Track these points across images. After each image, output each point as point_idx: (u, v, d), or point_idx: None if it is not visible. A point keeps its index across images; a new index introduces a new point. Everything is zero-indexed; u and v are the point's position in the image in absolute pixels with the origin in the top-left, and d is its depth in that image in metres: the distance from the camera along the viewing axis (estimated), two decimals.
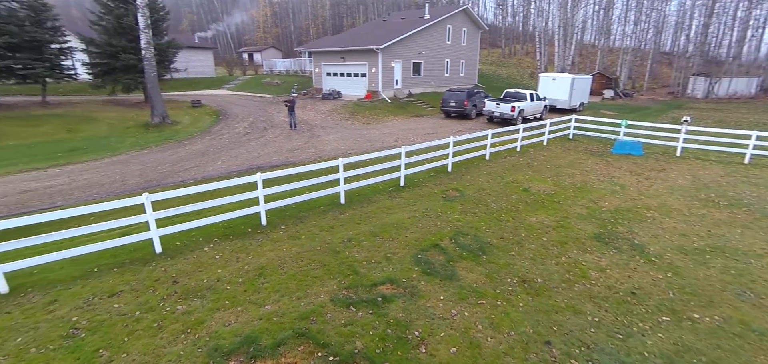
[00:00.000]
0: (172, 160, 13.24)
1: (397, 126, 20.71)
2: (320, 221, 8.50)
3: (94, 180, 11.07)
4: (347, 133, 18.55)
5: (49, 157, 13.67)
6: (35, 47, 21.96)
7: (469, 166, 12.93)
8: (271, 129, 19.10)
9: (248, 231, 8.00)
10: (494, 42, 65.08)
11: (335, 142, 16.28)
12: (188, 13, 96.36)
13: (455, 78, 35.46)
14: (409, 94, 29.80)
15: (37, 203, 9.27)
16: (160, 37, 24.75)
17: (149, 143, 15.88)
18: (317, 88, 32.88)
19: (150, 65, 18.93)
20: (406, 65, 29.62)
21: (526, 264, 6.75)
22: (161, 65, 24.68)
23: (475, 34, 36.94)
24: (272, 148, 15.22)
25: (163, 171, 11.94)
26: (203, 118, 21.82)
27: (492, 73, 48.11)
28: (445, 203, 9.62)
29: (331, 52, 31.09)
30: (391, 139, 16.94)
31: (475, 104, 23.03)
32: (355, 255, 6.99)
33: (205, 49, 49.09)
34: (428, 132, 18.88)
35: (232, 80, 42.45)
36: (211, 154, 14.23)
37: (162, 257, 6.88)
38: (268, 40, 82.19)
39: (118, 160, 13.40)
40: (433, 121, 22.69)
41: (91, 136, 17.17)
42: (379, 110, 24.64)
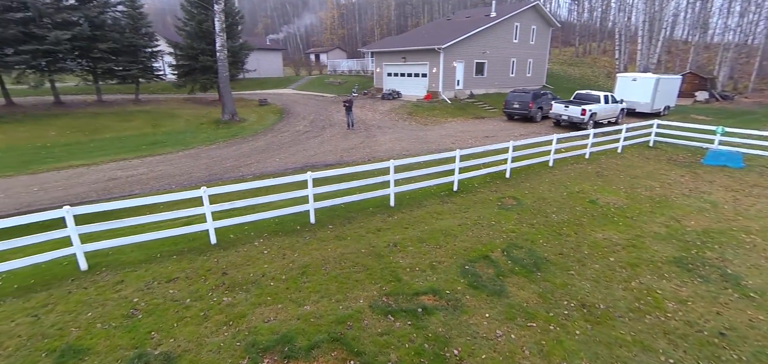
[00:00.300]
0: (235, 156, 14.10)
1: (455, 128, 20.13)
2: (368, 223, 8.43)
3: (168, 171, 12.12)
4: (403, 134, 18.41)
5: (135, 149, 15.29)
6: (132, 51, 24.84)
7: (529, 172, 12.10)
8: (330, 128, 19.58)
9: (297, 228, 8.17)
10: (567, 40, 60.94)
11: (390, 143, 16.22)
12: (263, 17, 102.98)
13: (521, 78, 33.71)
14: (471, 95, 28.89)
15: (119, 190, 10.36)
16: (234, 40, 26.65)
17: (218, 139, 17.10)
18: (377, 88, 33.19)
19: (223, 66, 20.41)
20: (468, 65, 28.75)
21: (587, 286, 6.05)
22: (234, 66, 26.57)
23: (545, 32, 34.78)
24: (328, 147, 15.56)
25: (227, 166, 12.74)
26: (268, 116, 23.04)
27: (563, 74, 45.02)
28: (499, 212, 9.04)
29: (392, 53, 31.18)
30: (448, 142, 16.47)
31: (541, 106, 21.61)
32: (399, 261, 6.80)
33: (275, 51, 52.05)
34: (488, 135, 18.08)
35: (298, 80, 44.49)
36: (271, 151, 14.92)
37: (216, 248, 7.26)
38: (334, 41, 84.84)
39: (189, 153, 14.58)
40: (494, 123, 21.72)
41: (171, 130, 18.94)
42: (438, 111, 24.16)
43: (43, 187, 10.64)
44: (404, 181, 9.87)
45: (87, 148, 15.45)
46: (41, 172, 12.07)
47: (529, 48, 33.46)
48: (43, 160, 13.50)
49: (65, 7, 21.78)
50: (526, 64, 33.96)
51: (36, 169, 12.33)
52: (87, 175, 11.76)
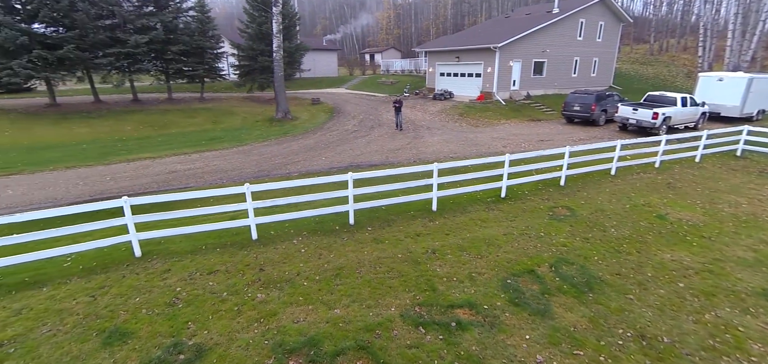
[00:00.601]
0: (284, 153, 14.56)
1: (508, 130, 19.22)
2: (407, 227, 8.21)
3: (221, 166, 12.80)
4: (452, 135, 17.91)
5: (195, 144, 16.37)
6: (199, 53, 26.73)
7: (587, 181, 11.13)
8: (378, 128, 19.60)
9: (335, 229, 8.16)
10: (640, 36, 56.02)
11: (438, 145, 15.83)
12: (322, 18, 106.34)
13: (585, 79, 31.46)
14: (527, 96, 27.47)
15: (177, 183, 11.11)
16: (291, 41, 27.70)
17: (270, 136, 17.81)
18: (430, 88, 32.76)
19: (278, 66, 21.25)
20: (526, 64, 27.36)
21: (648, 314, 5.35)
22: (290, 66, 27.63)
23: (614, 28, 32.14)
24: (375, 147, 15.55)
25: (275, 162, 13.18)
26: (319, 114, 23.62)
27: (634, 73, 41.36)
28: (550, 222, 8.38)
29: (445, 52, 30.59)
30: (499, 145, 15.73)
31: (605, 109, 19.92)
32: (436, 269, 6.51)
33: (330, 51, 53.49)
34: (543, 139, 17.01)
35: (352, 80, 45.29)
36: (319, 149, 15.21)
37: (256, 244, 7.45)
38: (389, 41, 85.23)
39: (243, 149, 15.31)
40: (551, 126, 20.43)
41: (229, 127, 20.08)
42: (491, 112, 23.25)
43: (114, 177, 11.72)
44: (448, 185, 9.53)
45: (155, 142, 16.84)
46: (114, 163, 13.33)
47: (595, 46, 31.11)
48: (118, 152, 14.91)
49: (145, 13, 24.02)
50: (591, 63, 31.62)
51: (111, 160, 13.64)
52: (152, 167, 12.79)
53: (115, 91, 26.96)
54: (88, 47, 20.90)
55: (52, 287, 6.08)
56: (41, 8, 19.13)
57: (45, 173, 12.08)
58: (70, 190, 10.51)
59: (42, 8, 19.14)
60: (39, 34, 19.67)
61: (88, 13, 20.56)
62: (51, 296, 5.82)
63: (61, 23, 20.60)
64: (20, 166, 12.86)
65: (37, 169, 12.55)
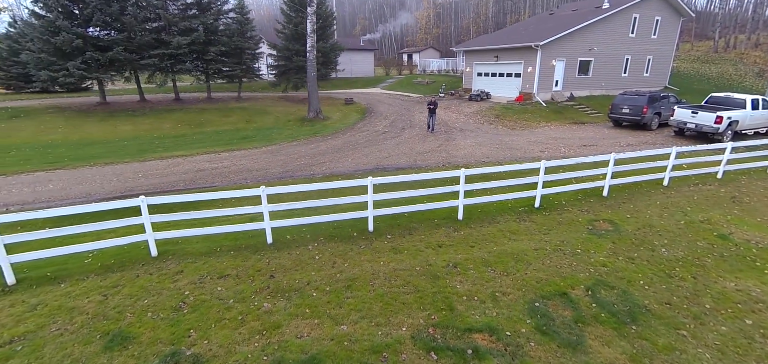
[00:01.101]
0: (311, 153, 14.47)
1: (547, 134, 18.10)
2: (429, 237, 7.73)
3: (248, 166, 12.88)
4: (487, 138, 17.10)
5: (227, 143, 16.71)
6: (237, 54, 27.51)
7: (634, 192, 10.08)
8: (409, 129, 19.14)
9: (353, 235, 7.83)
10: (702, 33, 51.70)
11: (470, 148, 15.13)
12: (361, 18, 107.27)
13: (637, 79, 29.25)
14: (571, 97, 25.90)
15: (203, 181, 11.26)
16: (326, 41, 27.85)
17: (300, 136, 17.86)
18: (466, 88, 31.82)
19: (312, 66, 21.35)
20: (570, 64, 25.81)
21: (705, 356, 4.55)
22: (324, 66, 27.82)
23: (672, 24, 29.63)
24: (404, 149, 15.11)
25: (301, 163, 13.09)
26: (351, 114, 23.51)
27: (694, 73, 38.10)
28: (589, 238, 7.58)
29: (484, 51, 29.55)
30: (536, 150, 14.78)
31: (659, 112, 18.25)
32: (456, 285, 6.00)
33: (367, 51, 53.57)
34: (586, 143, 15.82)
35: (387, 79, 45.06)
36: (347, 150, 15.00)
37: (270, 249, 7.27)
38: (428, 41, 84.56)
39: (271, 149, 15.41)
40: (596, 130, 19.04)
41: (261, 126, 20.40)
42: (530, 114, 22.08)
43: (146, 174, 12.11)
44: (476, 192, 8.93)
45: (190, 140, 17.38)
46: (149, 160, 13.82)
47: (650, 43, 28.82)
48: (155, 149, 15.50)
49: (189, 16, 25.03)
50: (644, 62, 29.35)
51: (146, 157, 14.16)
52: (182, 165, 13.11)
53: (158, 91, 28.39)
54: (134, 49, 22.04)
55: (69, 283, 6.18)
56: (95, 13, 20.39)
57: (85, 169, 12.71)
58: (104, 185, 10.95)
59: (95, 13, 20.39)
60: (92, 36, 20.97)
61: (136, 17, 21.70)
62: (67, 293, 5.90)
63: (112, 27, 21.87)
64: (66, 161, 13.63)
65: (80, 164, 13.25)
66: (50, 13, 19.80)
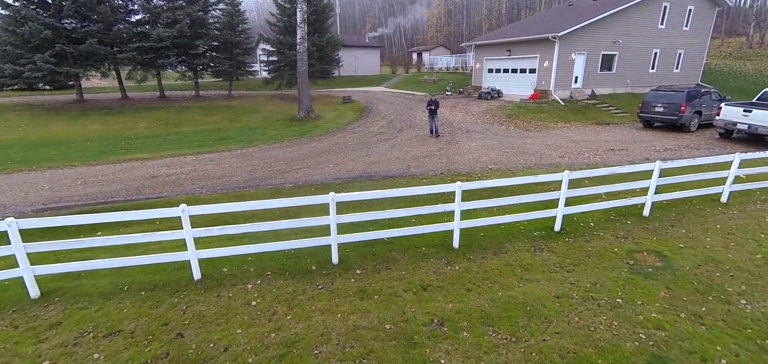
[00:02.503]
0: (289, 158, 12.67)
1: (567, 136, 16.01)
2: (412, 273, 5.84)
3: (211, 172, 11.14)
4: (495, 140, 15.09)
5: (200, 144, 15.04)
6: (228, 48, 25.97)
7: (683, 210, 8.03)
8: (407, 130, 17.23)
9: (312, 269, 5.98)
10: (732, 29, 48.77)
11: (475, 152, 13.15)
12: (371, 17, 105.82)
13: (666, 75, 26.85)
14: (592, 95, 23.68)
15: (149, 191, 9.53)
16: (322, 34, 26.10)
17: (284, 137, 16.11)
18: (476, 86, 29.78)
19: (302, 59, 19.61)
20: (591, 58, 23.60)
21: None
22: (321, 61, 26.08)
23: (707, 14, 27.13)
24: (398, 153, 13.20)
25: (274, 169, 11.29)
26: (347, 114, 21.71)
27: (727, 70, 35.45)
28: (631, 278, 5.59)
29: (495, 45, 27.51)
30: (555, 154, 12.74)
31: (699, 110, 16.00)
32: (439, 358, 4.10)
33: (373, 48, 51.81)
34: (614, 147, 13.71)
35: (393, 78, 43.25)
36: (332, 154, 13.17)
37: (196, 288, 5.48)
38: (439, 39, 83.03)
39: (246, 152, 13.67)
40: (623, 131, 16.87)
41: (245, 126, 18.73)
42: (546, 114, 19.98)
43: (88, 181, 10.44)
44: (478, 213, 7.00)
45: (162, 141, 15.77)
46: (102, 164, 12.20)
47: (681, 36, 26.40)
48: (117, 151, 13.90)
49: (174, 7, 23.52)
50: (675, 56, 26.95)
51: (101, 160, 12.55)
52: (137, 170, 11.43)
53: (144, 88, 26.98)
54: (111, 42, 20.59)
55: None
56: (65, 1, 18.98)
57: (21, 174, 11.13)
58: (28, 195, 9.29)
59: (66, 1, 18.98)
60: (63, 28, 19.57)
61: (113, 7, 20.27)
62: None
63: (87, 17, 20.45)
64: (9, 164, 12.09)
65: (20, 168, 11.69)
66: (16, 1, 18.45)
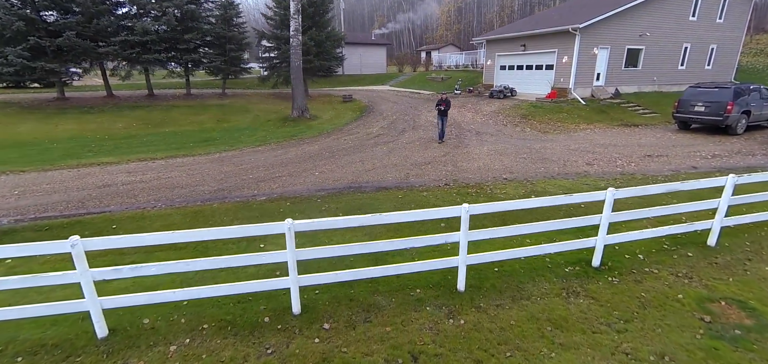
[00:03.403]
0: (271, 164, 11.13)
1: (592, 139, 14.25)
2: (400, 329, 4.28)
3: (176, 180, 9.65)
4: (510, 144, 13.39)
5: (178, 146, 13.65)
6: (221, 44, 24.62)
7: (758, 237, 6.29)
8: (410, 131, 15.62)
9: (263, 322, 4.44)
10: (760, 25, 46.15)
11: (486, 158, 11.48)
12: (380, 16, 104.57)
13: (696, 72, 24.84)
14: (616, 94, 21.80)
15: (94, 205, 8.07)
16: (321, 28, 24.55)
17: (271, 139, 14.64)
18: (487, 84, 28.04)
19: (295, 54, 18.12)
20: (615, 53, 21.73)
21: None
22: (320, 57, 24.56)
23: (743, 5, 25.01)
24: (397, 158, 11.59)
25: (249, 178, 9.76)
26: (345, 114, 20.19)
27: (761, 67, 33.10)
28: (714, 347, 3.94)
29: (508, 40, 25.76)
30: (581, 161, 11.01)
31: (748, 110, 14.09)
32: None
33: (379, 46, 50.23)
34: (650, 153, 11.93)
35: (399, 76, 41.69)
36: (321, 159, 11.61)
37: (96, 350, 3.99)
38: (449, 38, 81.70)
39: (224, 157, 12.20)
40: (656, 134, 15.05)
41: (233, 127, 17.31)
42: (566, 114, 18.20)
43: (28, 190, 9.01)
44: (491, 244, 5.37)
45: (138, 142, 14.42)
46: (58, 169, 10.83)
47: (715, 29, 24.34)
48: (82, 154, 12.55)
49: None
50: (706, 51, 24.90)
51: (58, 165, 11.19)
52: (90, 178, 10.00)
53: (133, 87, 25.74)
54: (92, 35, 19.34)
55: None
56: None
57: None
58: None
59: None
60: (39, 20, 18.35)
61: None
62: None
63: (68, 9, 19.23)
64: None
65: None
66: None
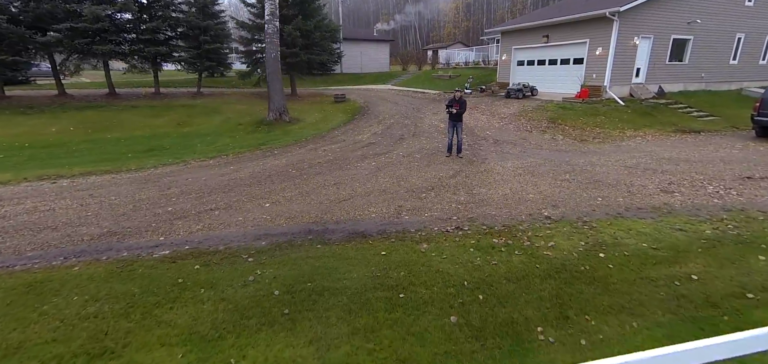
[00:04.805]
0: (211, 188, 8.08)
1: (649, 150, 11.07)
2: None
3: (57, 216, 6.59)
4: (542, 158, 10.26)
5: (111, 159, 10.75)
6: (194, 35, 21.78)
7: None
8: (410, 139, 12.55)
9: None
10: None
11: (514, 180, 8.34)
12: (384, 14, 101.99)
13: (749, 67, 21.60)
14: (660, 92, 18.57)
15: None
16: (308, 18, 21.50)
17: (231, 150, 11.66)
18: (501, 83, 24.90)
19: (271, 44, 15.16)
20: (659, 44, 18.52)
21: None
22: (308, 50, 21.58)
23: None
24: (387, 179, 8.48)
25: (168, 211, 6.70)
26: (335, 116, 17.18)
27: None
28: None
29: (527, 30, 22.62)
30: (650, 186, 7.84)
31: None
32: None
33: (381, 42, 47.24)
34: (745, 172, 8.71)
35: (402, 75, 38.75)
36: (284, 180, 8.56)
37: None
38: (456, 35, 79.10)
39: (155, 175, 9.18)
40: (731, 143, 11.83)
41: (193, 132, 14.39)
42: (604, 118, 15.02)
43: None
44: None
45: (59, 153, 11.54)
46: None
47: None
48: None
49: None
50: (763, 43, 21.58)
51: None
52: None
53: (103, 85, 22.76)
54: (30, 22, 16.55)
55: None
56: None
57: None
58: None
59: None
60: None
61: None
62: None
63: None
64: None
65: None
66: None
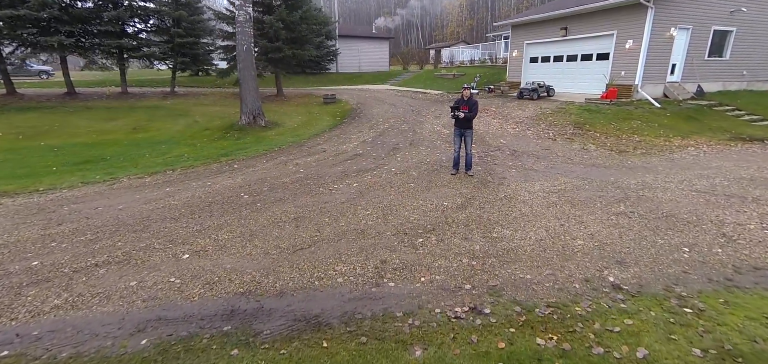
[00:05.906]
0: (118, 225, 5.80)
1: (715, 165, 8.77)
2: None
3: None
4: (575, 177, 7.97)
5: (30, 174, 8.55)
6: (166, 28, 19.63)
7: None
8: (405, 150, 10.26)
9: None
10: None
11: (549, 215, 6.04)
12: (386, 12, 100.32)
13: None
14: (699, 92, 16.23)
15: None
16: (293, 9, 19.23)
17: (182, 163, 9.39)
18: (512, 82, 22.60)
19: (243, 35, 12.91)
20: (698, 36, 16.22)
21: None
22: (292, 45, 19.34)
23: None
24: (367, 211, 6.19)
25: (24, 267, 4.37)
26: (320, 120, 14.91)
27: None
28: None
29: (542, 23, 20.32)
30: (752, 224, 5.53)
31: None
32: None
33: (380, 40, 45.01)
34: None
35: (402, 74, 36.52)
36: (227, 212, 6.30)
37: None
38: (460, 34, 77.34)
39: (55, 201, 6.86)
40: None
41: (148, 139, 12.15)
42: (640, 122, 12.71)
43: None
44: None
45: None
46: None
47: None
48: None
49: None
50: None
51: None
52: None
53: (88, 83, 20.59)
54: None
55: None
56: None
57: None
58: None
59: None
60: None
61: None
62: None
63: None
64: None
65: None
66: None
